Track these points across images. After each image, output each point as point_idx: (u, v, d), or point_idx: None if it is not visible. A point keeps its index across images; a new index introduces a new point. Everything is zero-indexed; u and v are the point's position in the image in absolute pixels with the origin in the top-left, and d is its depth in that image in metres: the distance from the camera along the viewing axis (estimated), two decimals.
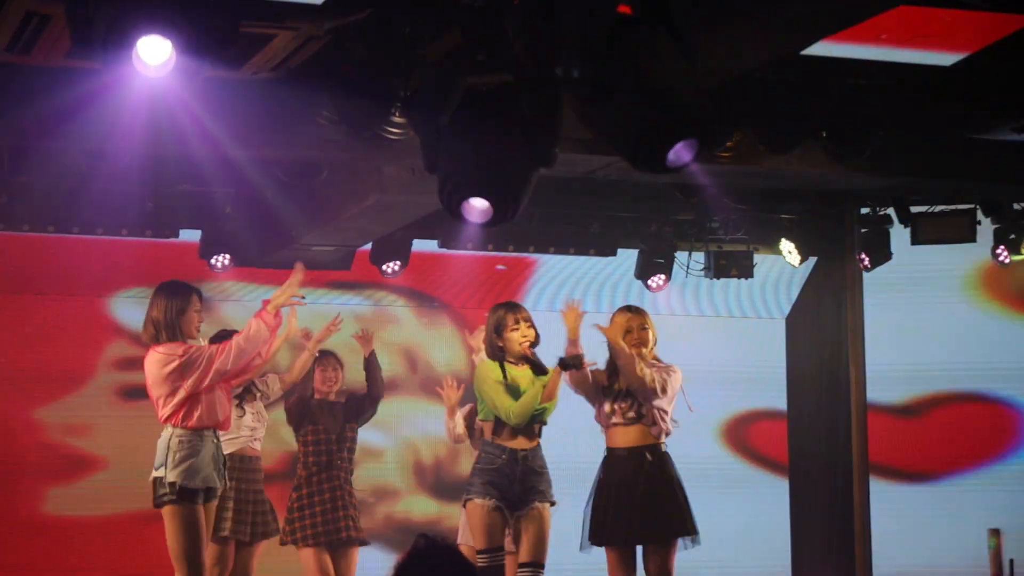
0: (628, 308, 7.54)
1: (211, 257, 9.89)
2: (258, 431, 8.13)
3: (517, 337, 7.26)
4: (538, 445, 7.29)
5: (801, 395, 11.39)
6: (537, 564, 7.16)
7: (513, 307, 7.43)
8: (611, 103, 4.66)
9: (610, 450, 7.36)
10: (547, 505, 7.25)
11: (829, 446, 11.10)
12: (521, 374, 7.26)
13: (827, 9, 5.75)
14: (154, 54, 4.73)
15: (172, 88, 5.30)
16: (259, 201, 8.93)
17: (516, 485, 7.17)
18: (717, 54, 5.76)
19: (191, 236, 9.85)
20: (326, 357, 8.45)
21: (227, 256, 9.86)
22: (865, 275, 10.69)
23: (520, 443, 7.22)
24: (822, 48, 6.57)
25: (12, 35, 5.32)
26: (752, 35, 5.84)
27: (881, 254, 10.15)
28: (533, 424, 7.24)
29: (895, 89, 7.43)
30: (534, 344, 7.30)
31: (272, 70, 6.04)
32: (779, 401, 11.50)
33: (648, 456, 7.26)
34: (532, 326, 7.30)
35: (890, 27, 6.40)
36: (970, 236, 10.00)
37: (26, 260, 9.89)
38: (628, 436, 7.29)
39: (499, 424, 7.22)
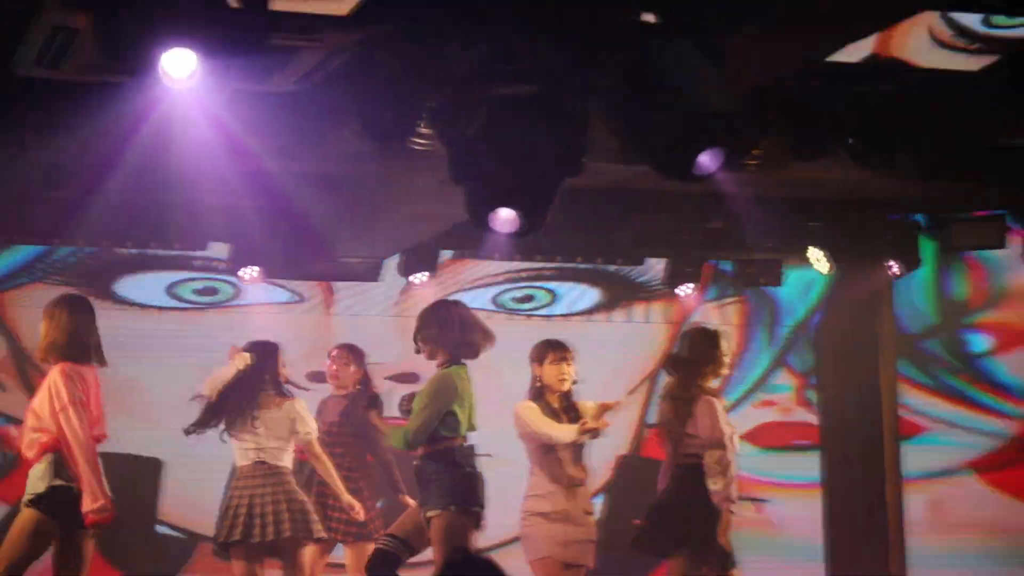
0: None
1: (240, 270, 9.93)
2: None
3: None
4: None
5: (832, 403, 11.35)
6: None
7: None
8: (638, 112, 4.66)
9: None
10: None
11: (863, 457, 11.05)
12: None
13: (854, 15, 5.72)
14: (179, 67, 4.75)
15: (199, 101, 5.32)
16: (288, 213, 8.94)
17: None
18: (744, 61, 5.73)
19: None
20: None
21: (256, 268, 9.90)
22: None
23: None
24: (849, 54, 6.55)
25: (40, 49, 5.34)
26: (779, 42, 5.82)
27: (911, 261, 10.10)
28: None
29: (924, 95, 7.39)
30: None
31: (299, 82, 6.05)
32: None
33: None
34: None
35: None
36: (1000, 242, 9.94)
37: None
38: None
39: None
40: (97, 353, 7.07)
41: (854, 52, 6.54)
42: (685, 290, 10.74)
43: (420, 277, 10.25)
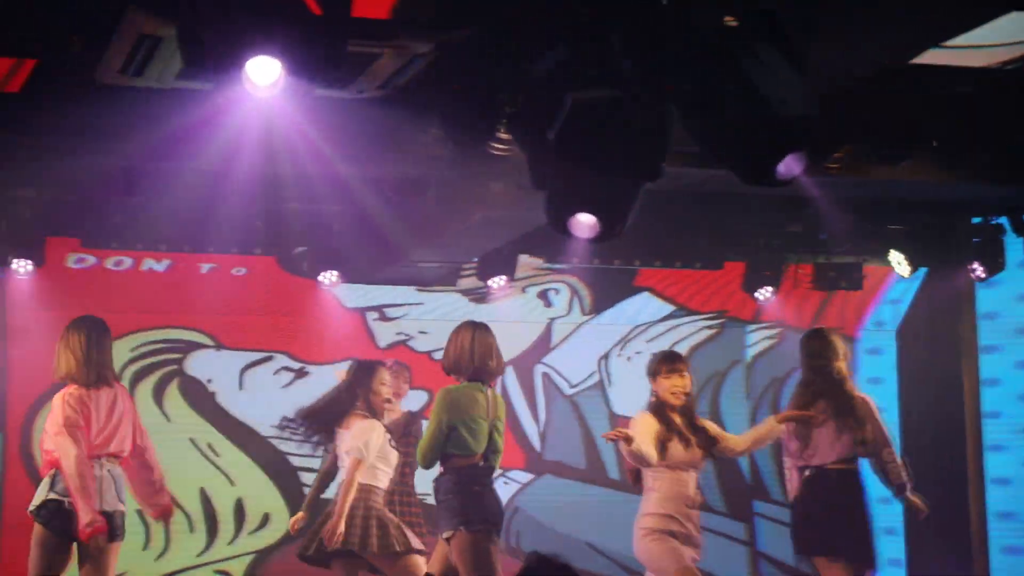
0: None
1: (319, 274, 10.00)
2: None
3: None
4: None
5: (913, 405, 11.24)
6: None
7: None
8: (719, 116, 4.64)
9: None
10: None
11: (940, 455, 10.92)
12: None
13: (937, 17, 5.66)
14: (264, 75, 4.78)
15: (281, 108, 5.35)
16: (367, 218, 8.99)
17: None
18: (825, 65, 5.69)
19: None
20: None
21: (335, 273, 9.97)
22: None
23: None
24: (932, 56, 6.48)
25: (125, 58, 5.40)
26: (861, 45, 5.77)
27: (995, 264, 9.98)
28: None
29: (1006, 96, 7.30)
30: None
31: (379, 88, 6.07)
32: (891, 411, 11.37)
33: None
34: None
35: None
36: None
37: None
38: None
39: None
40: (105, 375, 7.32)
41: (935, 54, 6.48)
42: (764, 294, 10.68)
43: (498, 281, 10.27)
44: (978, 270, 10.07)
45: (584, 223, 5.33)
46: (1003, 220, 9.86)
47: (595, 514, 11.15)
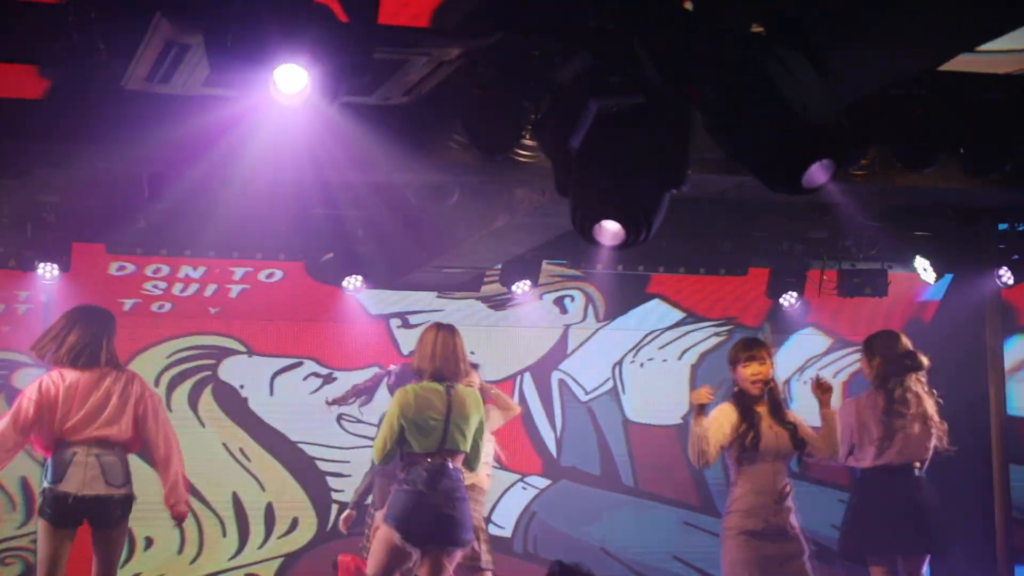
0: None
1: (344, 279, 10.02)
2: None
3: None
4: None
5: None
6: None
7: None
8: (745, 123, 4.62)
9: None
10: None
11: (966, 462, 10.86)
12: None
13: (964, 25, 5.64)
14: (290, 82, 4.79)
15: (307, 114, 5.37)
16: (391, 224, 9.00)
17: None
18: (851, 71, 5.68)
19: None
20: None
21: (359, 278, 9.99)
22: None
23: None
24: (958, 62, 6.46)
25: (152, 65, 5.42)
26: (888, 51, 5.75)
27: (1022, 270, 9.95)
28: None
29: None
30: None
31: (405, 95, 6.08)
32: None
33: None
34: None
35: None
36: None
37: None
38: None
39: None
40: (93, 357, 7.47)
41: (962, 59, 6.46)
42: (788, 299, 10.66)
43: (522, 287, 10.27)
44: (1004, 276, 10.03)
45: (609, 230, 5.31)
46: None
47: (609, 520, 11.19)
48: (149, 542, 10.31)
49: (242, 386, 10.73)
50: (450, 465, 7.33)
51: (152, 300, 10.41)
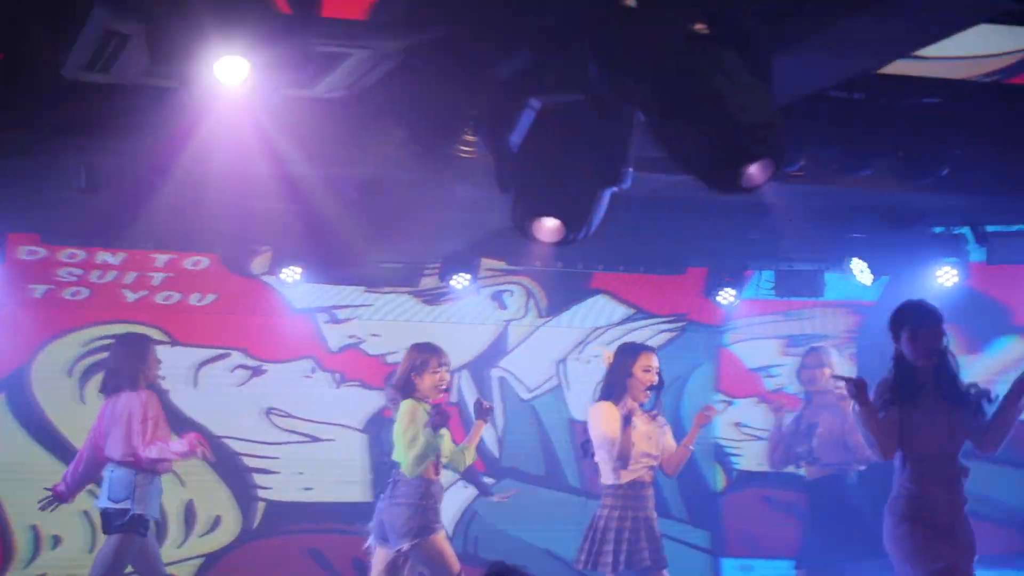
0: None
1: (281, 271, 9.97)
2: None
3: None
4: None
5: None
6: None
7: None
8: (684, 123, 4.64)
9: None
10: None
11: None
12: None
13: (904, 29, 5.69)
14: (231, 73, 4.77)
15: (248, 106, 5.35)
16: (329, 218, 8.96)
17: None
18: (791, 72, 5.72)
19: None
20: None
21: (297, 270, 9.94)
22: None
23: None
24: (897, 66, 6.52)
25: (92, 54, 5.37)
26: (827, 54, 5.80)
27: (956, 273, 10.04)
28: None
29: (969, 106, 7.35)
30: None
31: (346, 88, 6.07)
32: None
33: None
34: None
35: None
36: None
37: None
38: None
39: None
40: (113, 383, 8.59)
41: (901, 64, 6.52)
42: (727, 297, 10.73)
43: (461, 280, 10.26)
44: (940, 279, 10.11)
45: (548, 227, 5.34)
46: (965, 230, 9.91)
47: (552, 520, 11.12)
48: (57, 540, 10.08)
49: (163, 377, 10.51)
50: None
51: (65, 286, 10.17)
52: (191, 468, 10.15)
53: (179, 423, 10.19)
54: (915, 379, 6.50)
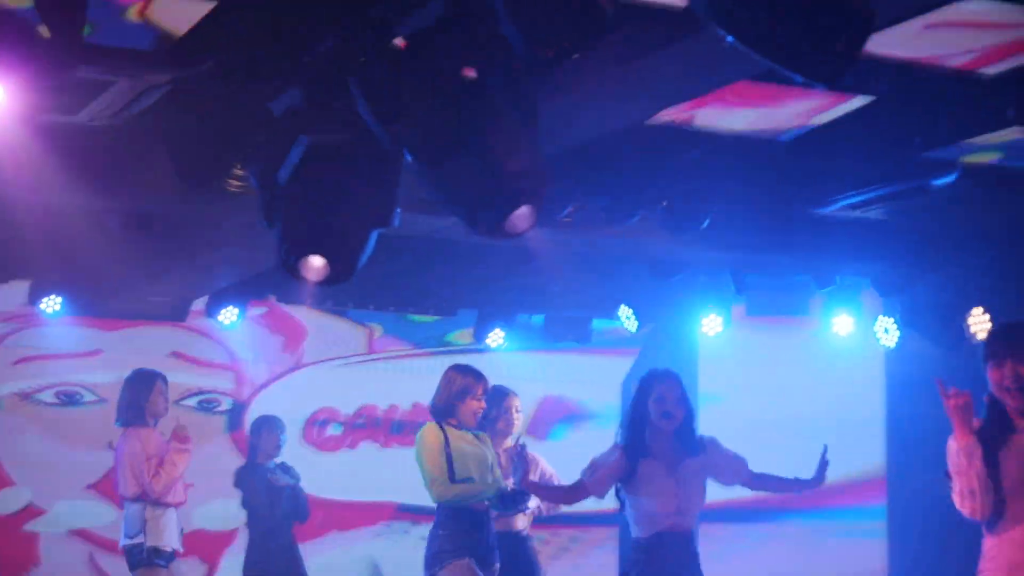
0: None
1: (39, 301, 9.66)
2: None
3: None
4: None
5: None
6: None
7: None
8: (451, 166, 4.66)
9: None
10: None
11: None
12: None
13: (672, 80, 5.82)
14: None
15: (6, 131, 5.19)
16: (92, 249, 8.73)
17: None
18: (560, 120, 5.79)
19: None
20: None
21: (57, 301, 9.64)
22: None
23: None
24: (664, 117, 6.65)
25: None
26: (596, 103, 5.89)
27: (720, 322, 10.29)
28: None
29: (733, 161, 7.52)
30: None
31: (112, 117, 5.93)
32: None
33: None
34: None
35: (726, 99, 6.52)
36: (802, 308, 10.18)
37: None
38: None
39: None
40: (126, 418, 8.74)
41: (669, 114, 6.66)
42: (496, 340, 10.79)
43: (228, 316, 10.10)
44: (705, 326, 10.36)
45: (314, 265, 5.29)
46: (728, 278, 10.15)
47: None
48: None
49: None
50: None
51: None
52: None
53: None
54: None
